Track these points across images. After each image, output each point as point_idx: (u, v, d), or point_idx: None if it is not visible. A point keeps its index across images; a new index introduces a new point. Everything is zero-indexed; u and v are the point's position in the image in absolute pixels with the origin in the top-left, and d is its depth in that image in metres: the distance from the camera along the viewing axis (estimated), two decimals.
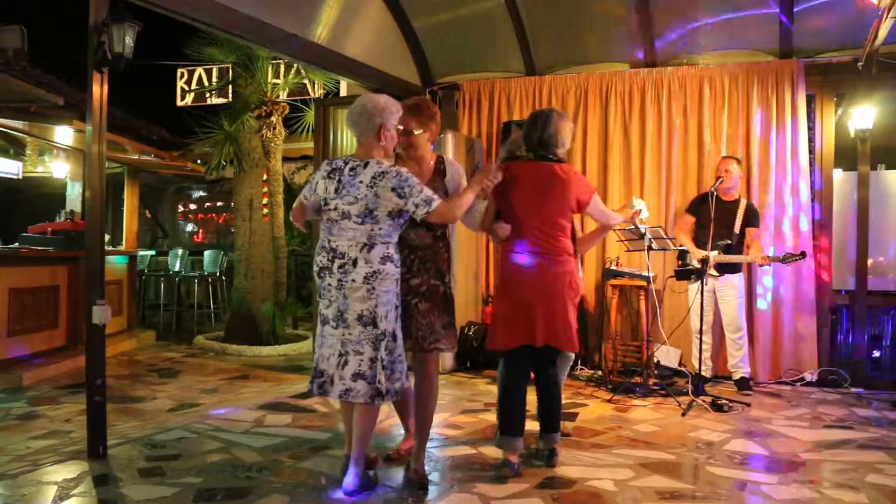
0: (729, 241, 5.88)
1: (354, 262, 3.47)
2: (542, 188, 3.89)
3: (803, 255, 5.76)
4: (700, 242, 5.94)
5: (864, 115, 6.29)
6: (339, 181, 3.56)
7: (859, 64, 5.86)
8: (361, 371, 3.47)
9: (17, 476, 3.75)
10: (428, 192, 3.49)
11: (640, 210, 4.53)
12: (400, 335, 3.61)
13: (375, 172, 3.49)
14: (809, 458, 4.26)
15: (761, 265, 5.93)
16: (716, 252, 5.83)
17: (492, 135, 7.41)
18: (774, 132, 6.44)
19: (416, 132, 3.77)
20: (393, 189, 3.45)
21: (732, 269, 6.01)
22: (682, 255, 6.07)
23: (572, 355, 4.49)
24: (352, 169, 3.56)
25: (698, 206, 6.11)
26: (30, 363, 6.49)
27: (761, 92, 6.50)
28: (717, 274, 5.95)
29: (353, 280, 3.46)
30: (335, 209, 3.55)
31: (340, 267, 3.50)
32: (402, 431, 4.37)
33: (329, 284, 3.54)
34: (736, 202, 6.05)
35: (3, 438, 4.53)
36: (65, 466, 3.92)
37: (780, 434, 4.80)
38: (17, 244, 7.66)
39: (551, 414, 4.11)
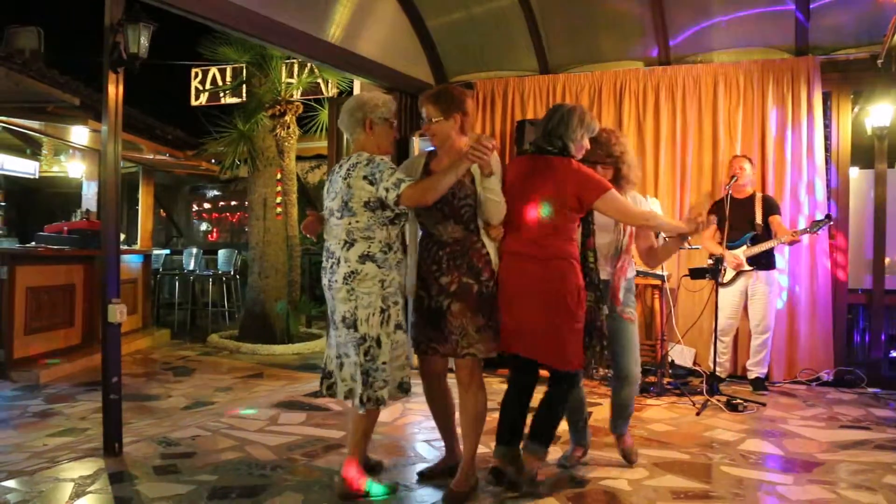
0: (755, 232, 5.85)
1: (338, 262, 3.43)
2: (533, 183, 3.54)
3: (829, 217, 5.71)
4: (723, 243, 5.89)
5: (881, 112, 6.23)
6: (331, 181, 3.56)
7: (879, 61, 5.81)
8: (352, 374, 3.45)
9: (35, 473, 3.79)
10: (400, 174, 3.34)
11: (708, 220, 3.93)
12: (388, 341, 3.41)
13: (351, 164, 3.42)
14: (826, 459, 4.23)
15: (791, 243, 5.84)
16: (744, 247, 5.82)
17: (505, 133, 7.40)
18: (790, 130, 6.39)
19: (434, 120, 3.54)
20: (364, 177, 3.34)
21: (766, 264, 5.95)
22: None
23: (629, 375, 3.96)
24: (340, 166, 3.52)
25: (717, 209, 6.02)
26: (47, 361, 6.54)
27: (776, 89, 6.45)
28: (750, 268, 5.91)
29: (336, 280, 3.43)
30: (326, 208, 3.56)
31: (330, 267, 3.48)
32: (415, 431, 4.36)
33: (325, 285, 3.54)
34: (751, 197, 6.02)
35: (20, 435, 4.57)
36: (81, 463, 3.95)
37: (795, 434, 4.77)
38: (33, 243, 7.72)
39: (533, 421, 3.73)
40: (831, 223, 5.77)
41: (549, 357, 3.54)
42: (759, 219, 5.92)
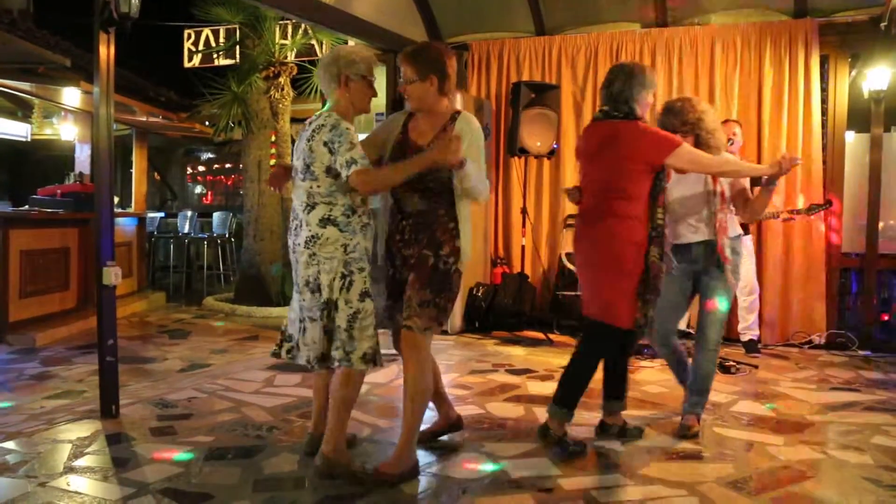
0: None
1: (301, 224, 3.26)
2: (598, 149, 3.66)
3: (830, 203, 5.70)
4: None
5: (879, 75, 6.19)
6: (299, 138, 3.35)
7: (883, 24, 5.75)
8: (316, 337, 3.27)
9: (33, 434, 3.81)
10: (356, 153, 3.11)
11: (795, 158, 3.87)
12: (346, 307, 3.20)
13: (317, 125, 3.21)
14: (816, 420, 4.28)
15: (786, 220, 5.86)
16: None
17: (501, 95, 7.36)
18: (787, 93, 6.36)
19: (410, 81, 3.32)
20: (325, 143, 3.14)
21: (743, 229, 5.96)
22: None
23: (706, 338, 3.95)
24: (308, 124, 3.29)
25: None
26: (42, 324, 6.55)
27: (774, 52, 6.41)
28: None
29: (299, 244, 3.26)
30: (293, 166, 3.37)
31: (294, 229, 3.32)
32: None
33: (289, 247, 3.39)
34: None
35: (17, 398, 4.60)
36: (79, 425, 3.98)
37: (787, 396, 4.82)
38: (27, 207, 7.69)
39: (564, 384, 3.76)
40: (829, 207, 5.73)
41: (594, 310, 3.64)
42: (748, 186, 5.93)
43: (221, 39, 10.52)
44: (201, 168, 16.00)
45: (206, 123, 10.80)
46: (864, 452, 3.70)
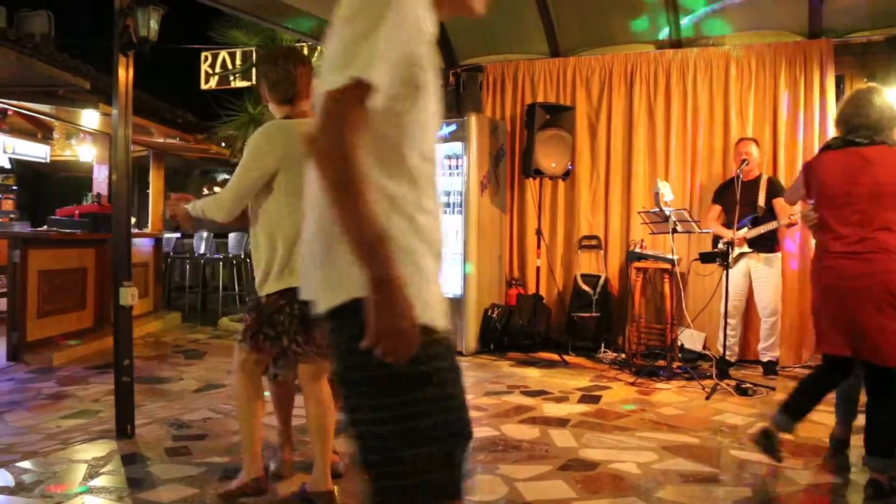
0: (756, 214, 5.82)
1: None
2: (849, 179, 3.41)
3: None
4: (729, 226, 5.88)
5: (895, 96, 6.16)
6: None
7: None
8: None
9: (49, 454, 3.83)
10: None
11: None
12: None
13: None
14: None
15: (789, 226, 5.83)
16: (745, 229, 5.79)
17: (516, 117, 7.38)
18: (802, 114, 6.34)
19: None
20: None
21: (767, 245, 5.93)
22: (716, 240, 6.01)
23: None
24: None
25: (722, 192, 6.07)
26: (59, 344, 6.59)
27: (789, 73, 6.40)
28: (751, 250, 5.89)
29: None
30: None
31: None
32: None
33: None
34: (756, 179, 5.99)
35: (34, 417, 4.62)
36: (94, 445, 3.99)
37: (804, 419, 4.76)
38: (45, 227, 7.76)
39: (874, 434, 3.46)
40: None
41: (879, 353, 3.34)
42: (761, 201, 5.90)
43: (238, 62, 10.63)
44: (217, 189, 16.11)
45: (223, 145, 10.88)
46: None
